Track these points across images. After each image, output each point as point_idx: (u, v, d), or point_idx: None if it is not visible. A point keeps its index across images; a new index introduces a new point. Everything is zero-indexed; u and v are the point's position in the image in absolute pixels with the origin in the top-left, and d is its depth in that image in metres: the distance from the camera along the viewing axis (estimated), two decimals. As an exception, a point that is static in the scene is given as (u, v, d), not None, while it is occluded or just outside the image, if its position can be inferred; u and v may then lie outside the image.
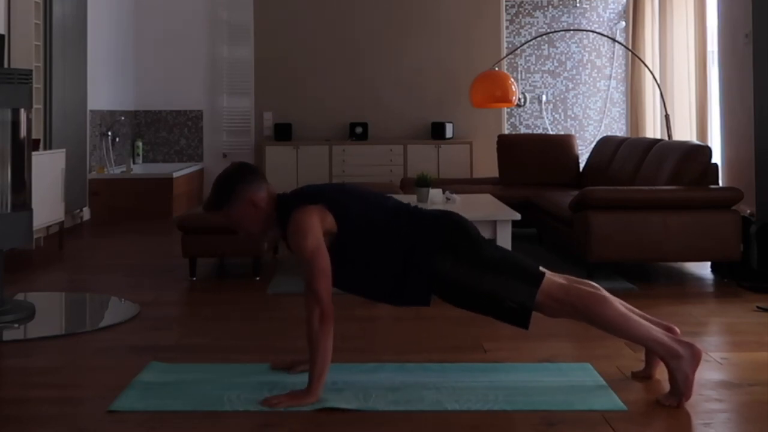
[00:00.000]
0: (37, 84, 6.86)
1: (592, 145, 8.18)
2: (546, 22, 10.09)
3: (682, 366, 3.00)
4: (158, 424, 2.87)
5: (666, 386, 3.09)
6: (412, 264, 3.11)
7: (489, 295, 3.08)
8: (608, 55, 10.13)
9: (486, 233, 5.35)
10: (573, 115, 10.12)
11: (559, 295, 3.08)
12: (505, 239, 5.24)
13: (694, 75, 8.00)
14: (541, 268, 3.17)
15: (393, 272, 3.13)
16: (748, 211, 5.57)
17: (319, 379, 3.00)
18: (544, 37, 9.94)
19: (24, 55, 6.71)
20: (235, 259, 5.94)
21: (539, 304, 3.08)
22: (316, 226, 3.06)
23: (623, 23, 9.98)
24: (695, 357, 3.01)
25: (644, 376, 3.29)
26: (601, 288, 3.19)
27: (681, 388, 2.99)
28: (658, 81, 8.20)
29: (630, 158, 6.51)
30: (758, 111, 5.78)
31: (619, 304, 3.12)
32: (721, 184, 6.01)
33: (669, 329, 3.22)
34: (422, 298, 3.17)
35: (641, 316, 3.21)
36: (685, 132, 8.09)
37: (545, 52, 10.13)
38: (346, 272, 3.15)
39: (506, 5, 9.84)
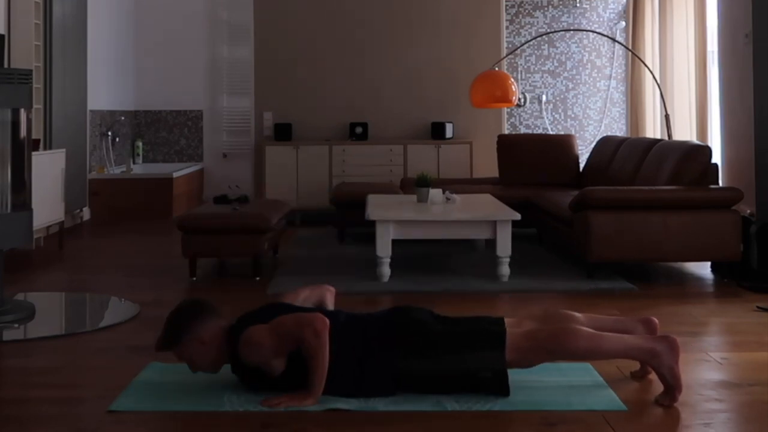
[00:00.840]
0: (37, 84, 6.86)
1: (592, 145, 8.18)
2: (546, 22, 10.08)
3: (663, 361, 3.01)
4: (158, 424, 2.87)
5: (666, 386, 3.09)
6: (374, 370, 3.07)
7: (460, 375, 3.05)
8: (608, 55, 10.13)
9: (486, 233, 5.36)
10: (573, 115, 10.11)
11: (527, 345, 3.05)
12: (505, 239, 5.24)
13: (694, 75, 8.00)
14: (504, 319, 3.14)
15: (351, 377, 3.07)
16: (748, 211, 5.57)
17: (320, 382, 2.99)
18: (544, 37, 9.93)
19: (24, 55, 6.71)
20: (235, 259, 5.94)
21: (511, 362, 3.06)
22: (267, 331, 3.01)
23: (623, 23, 9.97)
24: (673, 348, 3.03)
25: (642, 375, 3.30)
26: (568, 314, 3.21)
27: (670, 382, 3.00)
28: (658, 81, 8.20)
29: (630, 158, 6.51)
30: (758, 111, 5.78)
31: (585, 329, 3.08)
32: (721, 184, 6.01)
33: (646, 322, 3.25)
34: (386, 392, 3.10)
35: (613, 323, 3.25)
36: (685, 132, 8.09)
37: (545, 52, 10.12)
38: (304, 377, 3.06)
39: (506, 5, 9.83)
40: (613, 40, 9.40)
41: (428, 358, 3.06)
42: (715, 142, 7.33)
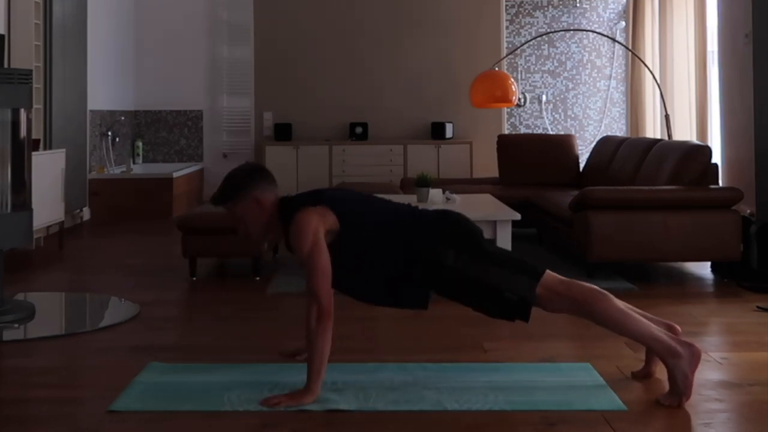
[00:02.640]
0: (37, 84, 6.86)
1: (592, 145, 8.19)
2: (546, 22, 10.09)
3: (681, 365, 3.00)
4: (158, 424, 2.87)
5: (666, 386, 3.09)
6: (413, 258, 3.13)
7: (489, 287, 3.09)
8: (608, 55, 10.13)
9: (486, 233, 5.34)
10: (573, 115, 10.12)
11: (560, 290, 3.10)
12: (505, 239, 5.24)
13: (694, 75, 8.00)
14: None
15: (393, 269, 3.15)
16: (748, 211, 5.57)
17: (317, 376, 3.01)
18: (544, 37, 9.94)
19: (24, 55, 6.71)
20: (235, 259, 5.94)
21: (540, 297, 3.09)
22: (317, 226, 3.07)
23: (623, 23, 9.98)
24: (695, 357, 3.02)
25: (644, 375, 3.30)
26: (600, 289, 3.20)
27: (680, 388, 2.99)
28: (658, 81, 8.20)
29: (630, 158, 6.51)
30: (758, 111, 5.78)
31: (619, 302, 3.13)
32: (721, 184, 6.01)
33: (670, 328, 3.22)
34: (421, 300, 3.20)
35: (642, 315, 3.22)
36: (685, 132, 8.09)
37: (545, 52, 10.13)
38: (347, 272, 3.16)
39: (506, 5, 9.84)
40: (613, 40, 9.40)
41: (467, 262, 3.10)
42: (715, 142, 7.33)
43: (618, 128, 10.04)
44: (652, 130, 9.17)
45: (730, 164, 6.42)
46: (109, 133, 9.03)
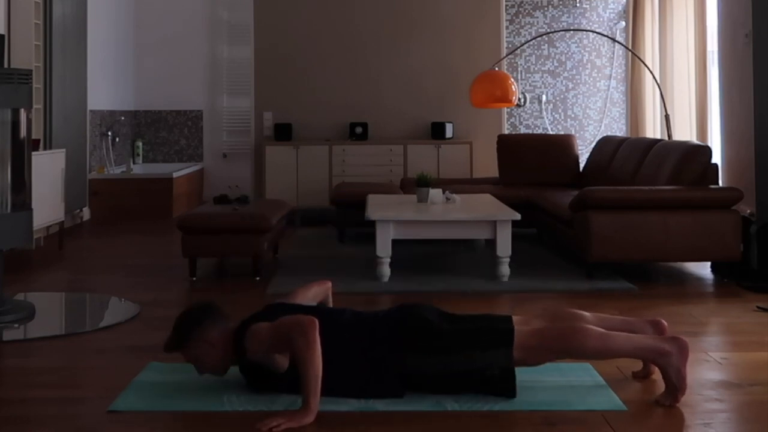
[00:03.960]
0: (37, 84, 6.86)
1: (592, 145, 8.18)
2: (546, 22, 10.08)
3: (672, 362, 3.01)
4: (158, 424, 2.87)
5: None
6: (382, 369, 3.05)
7: (467, 373, 3.04)
8: (608, 55, 10.13)
9: (486, 233, 5.36)
10: (573, 115, 10.11)
11: (533, 344, 3.05)
12: (505, 239, 5.24)
13: (694, 75, 7.99)
14: (512, 318, 3.13)
15: (358, 378, 3.06)
16: (748, 211, 5.57)
17: (314, 393, 2.85)
18: (544, 37, 9.93)
19: (24, 55, 6.71)
20: (235, 259, 5.94)
21: (519, 360, 3.05)
22: (269, 327, 2.99)
23: (623, 23, 9.97)
24: (683, 349, 3.02)
25: (644, 375, 3.30)
26: (576, 314, 3.20)
27: (675, 383, 3.00)
28: (658, 81, 8.20)
29: (630, 158, 6.51)
30: (758, 111, 5.78)
31: (594, 327, 3.07)
32: (721, 184, 6.01)
33: (655, 323, 3.25)
34: (395, 393, 3.07)
35: (621, 323, 3.23)
36: (685, 132, 8.09)
37: (545, 52, 10.12)
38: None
39: (506, 5, 9.83)
40: (613, 40, 9.40)
41: (436, 357, 3.05)
42: (715, 142, 7.33)
43: (618, 128, 10.03)
44: (652, 130, 9.17)
45: (730, 164, 6.42)
46: (109, 133, 9.03)
